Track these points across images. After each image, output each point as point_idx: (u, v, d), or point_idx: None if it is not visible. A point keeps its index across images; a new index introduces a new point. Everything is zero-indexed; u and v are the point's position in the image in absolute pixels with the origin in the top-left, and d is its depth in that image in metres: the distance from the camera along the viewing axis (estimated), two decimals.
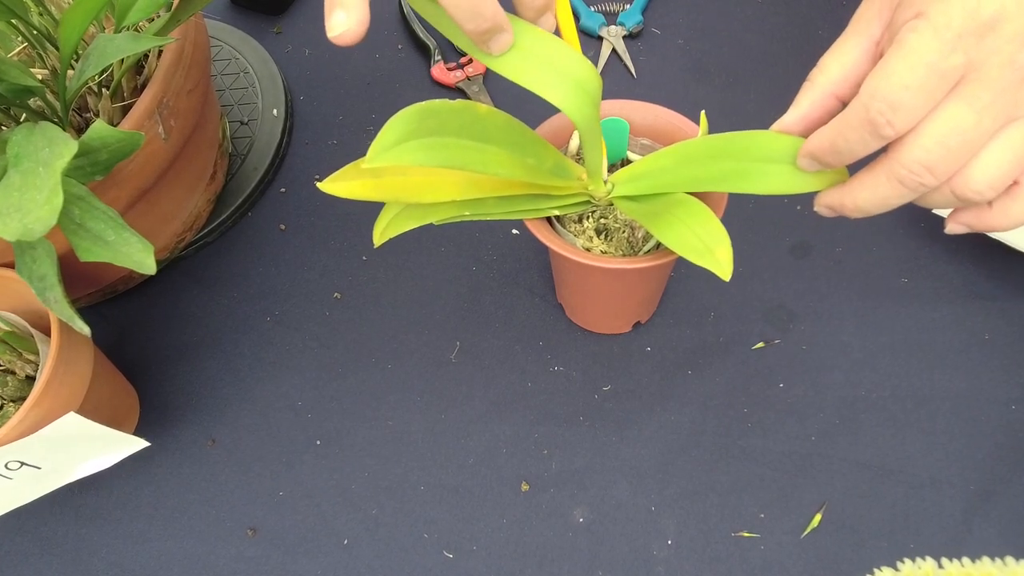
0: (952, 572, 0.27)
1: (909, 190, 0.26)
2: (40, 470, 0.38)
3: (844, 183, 0.29)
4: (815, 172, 0.30)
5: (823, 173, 0.30)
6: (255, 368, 0.48)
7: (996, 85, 0.24)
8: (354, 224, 0.53)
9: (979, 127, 0.25)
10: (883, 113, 0.25)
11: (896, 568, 0.29)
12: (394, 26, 0.63)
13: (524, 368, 0.46)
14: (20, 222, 0.23)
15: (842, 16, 0.60)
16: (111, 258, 0.28)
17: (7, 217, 0.23)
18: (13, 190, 0.26)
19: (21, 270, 0.30)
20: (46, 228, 0.23)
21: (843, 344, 0.46)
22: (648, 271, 0.37)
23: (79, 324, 0.30)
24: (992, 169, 0.25)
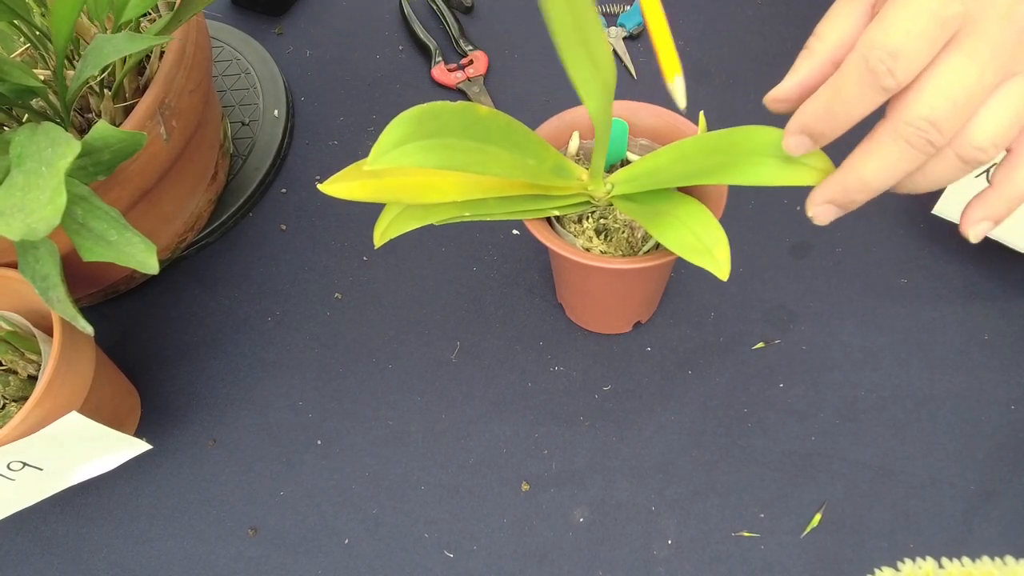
0: (952, 572, 0.27)
1: (917, 151, 0.25)
2: (42, 471, 0.38)
3: (845, 162, 0.28)
4: (802, 162, 0.30)
5: (810, 165, 0.30)
6: (256, 368, 0.48)
7: (994, 38, 0.23)
8: (355, 225, 0.53)
9: (981, 81, 0.24)
10: (883, 61, 0.24)
11: (896, 568, 0.29)
12: (395, 27, 0.64)
13: (524, 368, 0.47)
14: (23, 222, 0.23)
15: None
16: (114, 258, 0.29)
17: (10, 217, 0.23)
18: (16, 190, 0.26)
19: (24, 270, 0.30)
20: (50, 228, 0.23)
21: (843, 344, 0.46)
22: (647, 271, 0.38)
23: (82, 323, 0.30)
24: (994, 125, 0.25)
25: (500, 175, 0.31)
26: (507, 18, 0.63)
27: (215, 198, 0.53)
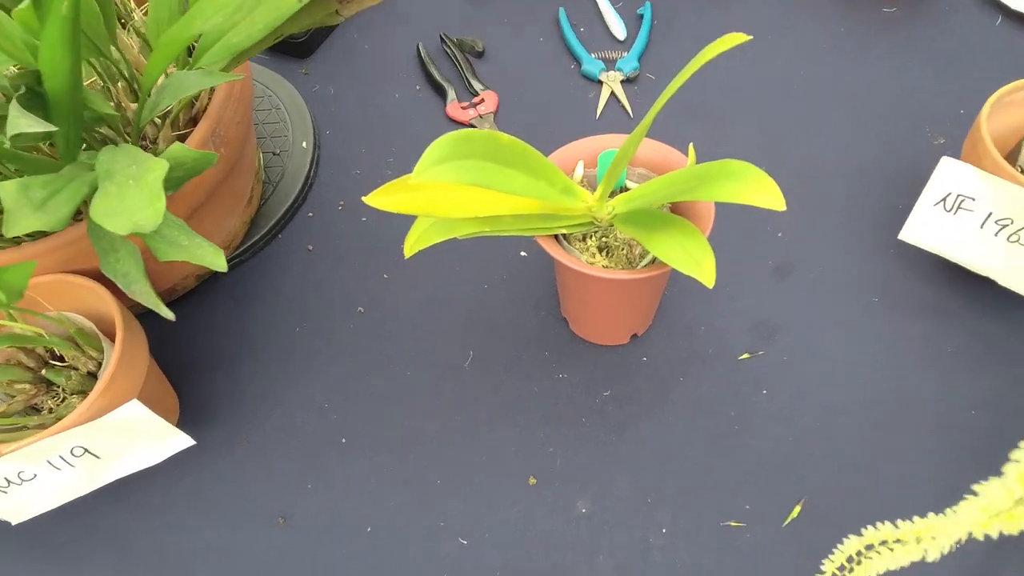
0: (904, 529, 0.31)
1: None
2: (99, 460, 0.42)
3: None
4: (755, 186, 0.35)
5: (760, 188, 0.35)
6: (285, 375, 0.52)
7: None
8: (376, 246, 0.58)
9: None
10: None
11: (860, 534, 0.33)
12: (412, 68, 0.69)
13: (531, 375, 0.51)
14: (130, 220, 0.28)
15: (818, 63, 0.67)
16: (188, 258, 0.33)
17: (116, 218, 0.28)
18: (112, 198, 0.31)
19: (106, 269, 0.35)
20: (154, 225, 0.27)
21: (821, 355, 0.50)
22: (644, 282, 0.42)
23: (164, 311, 0.34)
24: None
25: (518, 193, 0.37)
26: (515, 61, 0.69)
27: (249, 220, 0.58)
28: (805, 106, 0.63)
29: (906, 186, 0.57)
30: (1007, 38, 0.66)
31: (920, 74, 0.65)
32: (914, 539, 0.31)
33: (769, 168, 0.36)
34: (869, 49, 0.67)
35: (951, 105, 0.61)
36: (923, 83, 0.64)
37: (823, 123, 0.62)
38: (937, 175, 0.46)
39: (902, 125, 0.61)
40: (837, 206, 0.57)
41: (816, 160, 0.60)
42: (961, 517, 0.29)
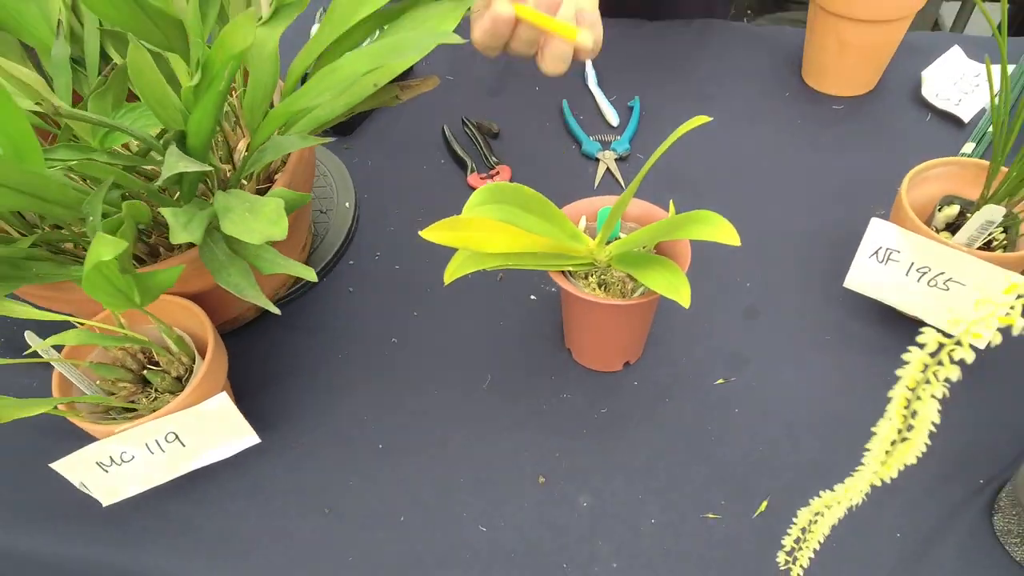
0: (839, 491, 0.40)
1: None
2: (184, 448, 0.50)
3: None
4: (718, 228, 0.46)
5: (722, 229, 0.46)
6: (331, 392, 0.61)
7: None
8: (406, 289, 0.68)
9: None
10: None
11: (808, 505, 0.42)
12: (438, 145, 0.82)
13: (539, 395, 0.60)
14: (261, 234, 0.38)
15: (780, 146, 0.80)
16: (285, 271, 0.43)
17: (250, 233, 0.38)
18: (238, 223, 0.41)
19: (221, 281, 0.45)
20: (282, 235, 0.38)
21: (782, 382, 0.60)
22: (635, 308, 0.53)
23: (272, 307, 0.44)
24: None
25: (537, 233, 0.47)
26: (525, 141, 0.82)
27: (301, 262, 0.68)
28: (768, 181, 0.76)
29: (851, 246, 0.68)
30: (934, 131, 0.80)
31: (862, 157, 0.77)
32: (848, 498, 0.40)
33: (738, 229, 0.47)
34: (821, 137, 0.80)
35: (887, 182, 0.73)
36: (865, 165, 0.77)
37: (783, 195, 0.74)
38: (869, 233, 0.57)
39: (848, 198, 0.73)
40: (795, 262, 0.68)
41: (778, 225, 0.71)
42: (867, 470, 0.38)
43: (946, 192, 0.60)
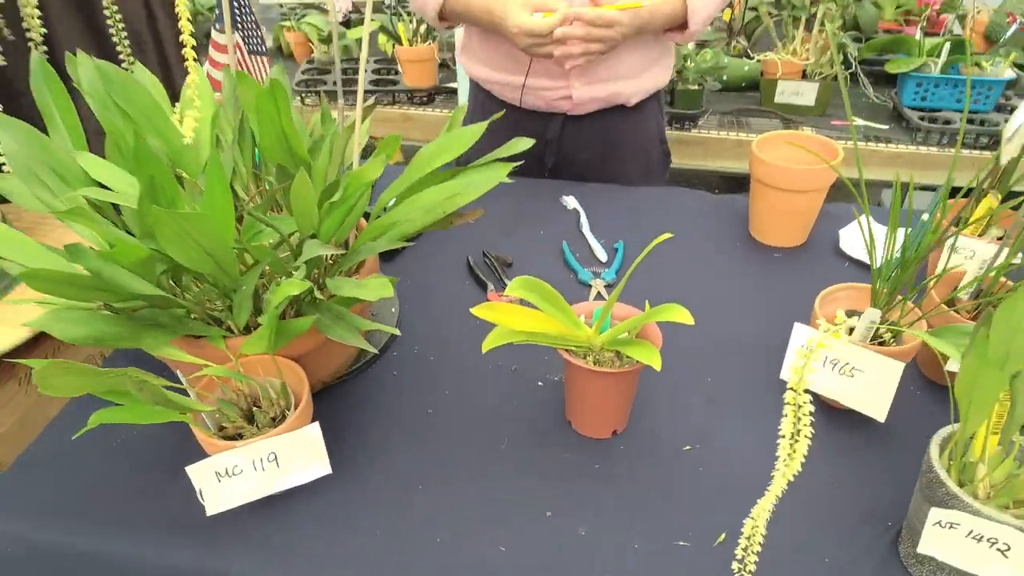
0: (768, 498, 0.56)
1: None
2: (278, 468, 0.65)
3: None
4: (679, 314, 0.66)
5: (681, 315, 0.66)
6: (380, 445, 0.77)
7: None
8: (439, 375, 0.86)
9: None
10: None
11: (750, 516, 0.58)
12: (463, 270, 1.03)
13: (546, 454, 0.76)
14: (375, 292, 0.57)
15: (733, 279, 1.02)
16: (377, 328, 0.62)
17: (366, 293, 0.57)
18: (355, 290, 0.60)
19: (332, 335, 0.63)
20: (390, 294, 0.56)
21: (738, 449, 0.77)
22: (621, 376, 0.71)
23: (370, 348, 0.62)
24: None
25: (551, 316, 0.67)
26: (533, 270, 1.03)
27: (357, 352, 0.86)
28: (722, 304, 0.97)
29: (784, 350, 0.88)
30: (850, 273, 1.03)
31: (794, 289, 0.99)
32: (774, 498, 0.57)
33: (698, 338, 0.67)
34: (763, 275, 1.02)
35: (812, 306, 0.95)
36: (795, 294, 0.98)
37: (733, 314, 0.95)
38: (794, 335, 0.77)
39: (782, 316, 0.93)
40: (743, 362, 0.87)
41: (730, 335, 0.91)
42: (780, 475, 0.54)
43: (848, 308, 0.81)
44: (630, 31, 1.10)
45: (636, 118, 1.33)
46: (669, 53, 1.32)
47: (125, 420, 0.57)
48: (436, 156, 0.69)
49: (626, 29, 1.09)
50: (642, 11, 1.10)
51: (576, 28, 1.06)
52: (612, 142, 1.32)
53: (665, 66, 1.31)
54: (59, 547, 0.69)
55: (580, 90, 1.23)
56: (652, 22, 1.13)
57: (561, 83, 1.23)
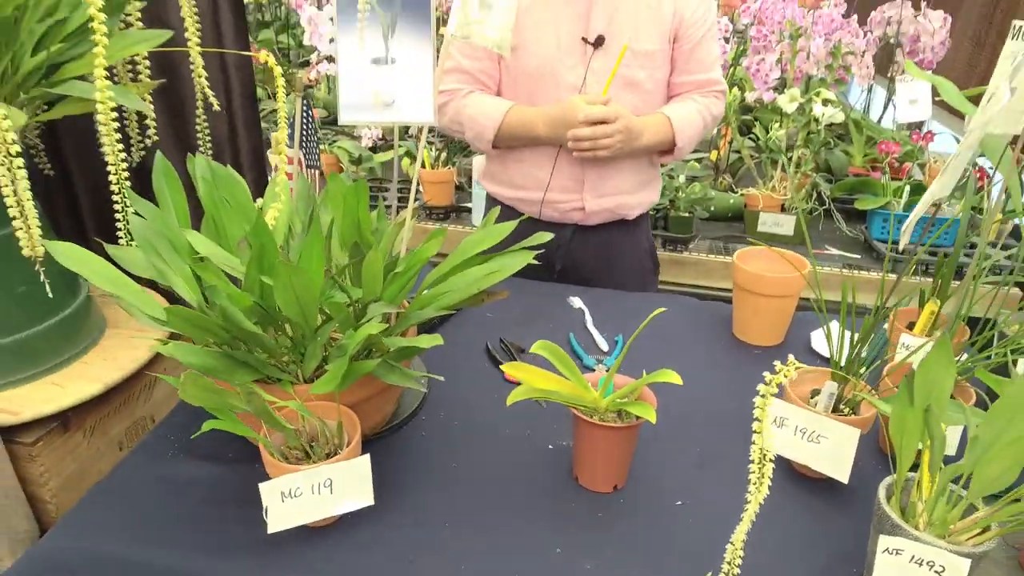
0: (746, 521, 0.68)
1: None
2: (331, 495, 0.77)
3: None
4: (669, 376, 0.80)
5: (672, 376, 0.80)
6: (413, 490, 0.88)
7: None
8: (462, 437, 0.98)
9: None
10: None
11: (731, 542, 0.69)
12: (482, 356, 1.18)
13: (556, 503, 0.87)
14: (427, 343, 0.71)
15: (719, 367, 1.18)
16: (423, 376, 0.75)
17: (420, 345, 0.72)
18: (413, 343, 0.75)
19: (388, 379, 0.76)
20: (441, 342, 0.71)
21: (722, 504, 0.88)
22: (622, 430, 0.84)
23: (418, 386, 0.75)
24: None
25: (564, 380, 0.81)
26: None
27: (391, 414, 0.99)
28: (709, 389, 1.10)
29: None
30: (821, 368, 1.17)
31: None
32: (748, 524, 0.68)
33: (687, 416, 0.81)
34: (744, 370, 1.17)
35: None
36: None
37: (719, 396, 1.08)
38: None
39: None
40: (728, 435, 1.00)
41: (715, 414, 1.04)
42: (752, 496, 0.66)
43: (813, 388, 0.95)
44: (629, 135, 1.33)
45: (634, 231, 1.54)
46: (658, 179, 1.59)
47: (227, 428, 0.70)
48: (477, 244, 0.86)
49: (630, 121, 1.32)
50: (634, 119, 1.34)
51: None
52: (613, 250, 1.52)
53: (655, 188, 1.56)
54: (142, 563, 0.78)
55: (591, 202, 1.45)
56: (645, 130, 1.37)
57: (575, 196, 1.44)
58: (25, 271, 1.03)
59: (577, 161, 1.40)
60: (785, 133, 2.26)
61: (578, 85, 1.37)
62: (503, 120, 1.39)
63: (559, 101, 1.35)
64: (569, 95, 1.35)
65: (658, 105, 1.45)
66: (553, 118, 1.35)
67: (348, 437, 0.82)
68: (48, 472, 1.03)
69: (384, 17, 0.93)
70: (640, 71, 1.39)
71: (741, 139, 2.49)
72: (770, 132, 2.32)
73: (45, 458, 1.02)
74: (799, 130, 2.24)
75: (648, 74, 1.40)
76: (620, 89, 1.37)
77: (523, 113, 1.39)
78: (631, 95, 1.39)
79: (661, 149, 1.46)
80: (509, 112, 1.39)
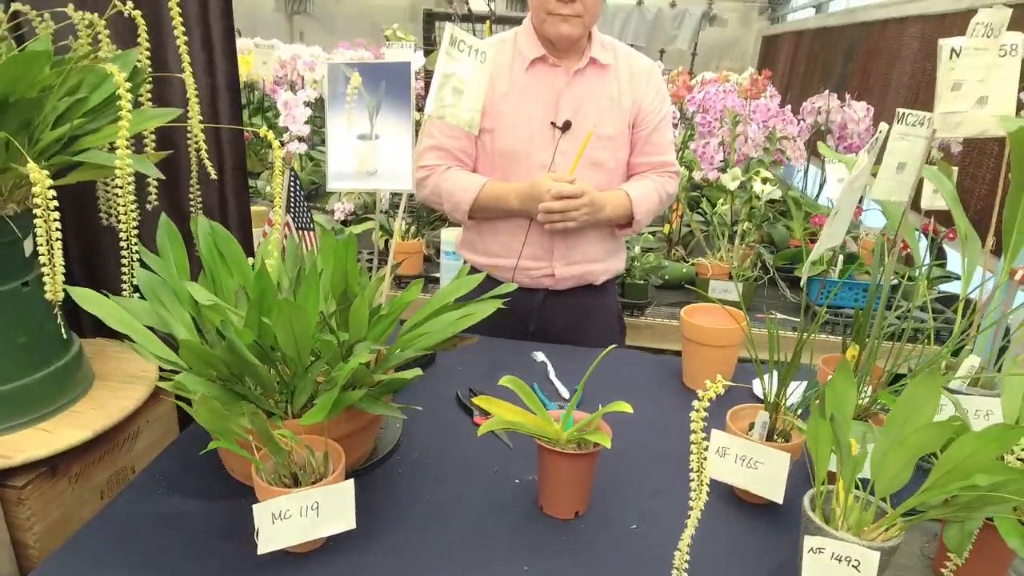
0: (687, 530, 0.77)
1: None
2: (317, 518, 0.84)
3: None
4: (622, 407, 0.91)
5: (624, 407, 0.91)
6: (392, 520, 0.95)
7: None
8: (434, 473, 1.06)
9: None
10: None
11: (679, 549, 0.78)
12: (453, 404, 1.27)
13: (523, 528, 0.95)
14: (410, 375, 0.81)
15: (668, 411, 1.30)
16: (403, 407, 0.85)
17: (405, 379, 0.81)
18: (387, 381, 0.85)
19: (372, 410, 0.85)
20: (420, 374, 0.80)
21: (673, 528, 0.96)
22: (582, 457, 0.93)
23: (399, 415, 0.83)
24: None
25: (533, 412, 0.91)
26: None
27: (371, 451, 1.07)
28: (660, 429, 1.21)
29: None
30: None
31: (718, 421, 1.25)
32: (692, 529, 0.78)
33: (641, 455, 0.92)
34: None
35: None
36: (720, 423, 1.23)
37: (669, 434, 1.19)
38: (712, 440, 1.02)
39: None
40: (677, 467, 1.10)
41: (665, 452, 1.14)
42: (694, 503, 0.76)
43: (751, 421, 1.07)
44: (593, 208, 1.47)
45: (602, 295, 1.69)
46: (623, 248, 1.74)
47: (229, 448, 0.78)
48: (450, 294, 0.97)
49: (593, 196, 1.47)
50: (597, 194, 1.49)
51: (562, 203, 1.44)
52: (583, 313, 1.66)
53: (620, 258, 1.72)
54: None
55: (561, 269, 1.59)
56: (607, 204, 1.52)
57: (545, 264, 1.58)
58: (26, 323, 1.11)
59: (547, 232, 1.55)
60: (730, 208, 2.46)
61: (547, 164, 1.54)
62: (478, 194, 1.53)
63: (530, 178, 1.51)
64: (539, 173, 1.51)
65: (619, 182, 1.62)
66: (524, 193, 1.50)
67: (333, 466, 0.90)
68: (34, 516, 1.07)
69: (370, 100, 1.07)
70: (603, 152, 1.56)
71: (691, 214, 2.70)
72: (716, 207, 2.53)
73: (33, 502, 1.07)
74: (742, 206, 2.45)
75: (610, 155, 1.58)
76: (586, 168, 1.54)
77: (497, 188, 1.53)
78: (596, 173, 1.56)
79: (621, 223, 1.61)
80: (484, 187, 1.53)
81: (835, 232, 0.94)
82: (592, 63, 1.55)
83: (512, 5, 6.95)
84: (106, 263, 1.38)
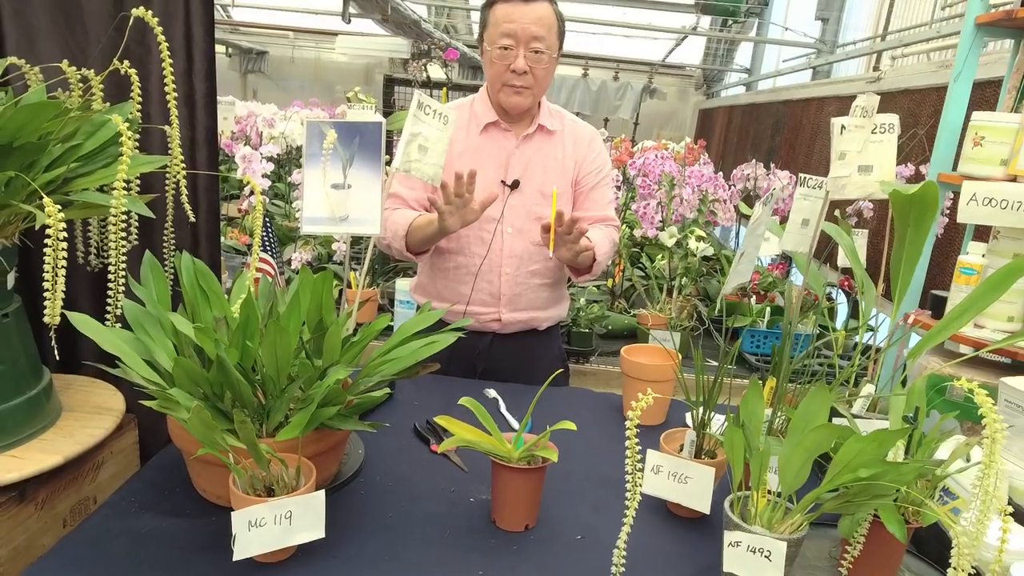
0: (623, 532, 0.88)
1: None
2: (290, 527, 0.92)
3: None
4: (567, 425, 1.03)
5: (568, 424, 1.02)
6: (357, 535, 1.03)
7: None
8: (395, 493, 1.14)
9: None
10: None
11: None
12: (410, 435, 1.36)
13: (478, 539, 1.04)
14: (381, 395, 0.90)
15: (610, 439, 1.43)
16: (372, 424, 0.94)
17: (376, 394, 0.91)
18: (364, 401, 0.94)
19: (343, 426, 0.94)
20: (389, 393, 0.90)
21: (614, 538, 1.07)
22: (531, 471, 1.04)
23: (369, 429, 0.92)
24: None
25: (488, 429, 1.01)
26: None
27: (336, 472, 1.15)
28: (603, 456, 1.32)
29: None
30: None
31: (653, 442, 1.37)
32: (628, 527, 0.88)
33: (586, 469, 1.03)
34: None
35: None
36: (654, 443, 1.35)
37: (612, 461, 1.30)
38: (648, 460, 1.13)
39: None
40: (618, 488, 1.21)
41: (607, 473, 1.25)
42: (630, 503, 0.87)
43: (682, 443, 1.20)
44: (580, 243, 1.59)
45: (545, 340, 1.81)
46: (566, 298, 1.89)
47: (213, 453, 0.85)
48: (414, 325, 1.08)
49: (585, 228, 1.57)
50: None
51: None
52: (528, 356, 1.78)
53: (564, 306, 1.87)
54: None
55: (507, 315, 1.71)
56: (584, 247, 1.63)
57: (492, 309, 1.70)
58: (2, 352, 1.16)
59: (495, 280, 1.68)
60: (668, 264, 2.65)
61: (497, 217, 1.68)
62: (413, 221, 1.64)
63: (481, 230, 1.64)
64: (490, 226, 1.65)
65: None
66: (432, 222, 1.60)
67: (304, 480, 0.98)
68: (0, 540, 1.10)
69: (344, 153, 1.20)
70: (548, 208, 1.71)
71: (632, 269, 2.88)
72: (655, 263, 2.72)
73: (1, 526, 1.10)
74: (679, 261, 2.64)
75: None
76: (531, 222, 1.68)
77: (428, 216, 1.65)
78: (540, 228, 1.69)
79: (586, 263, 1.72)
80: (419, 216, 1.65)
81: (742, 270, 1.10)
82: (540, 129, 1.73)
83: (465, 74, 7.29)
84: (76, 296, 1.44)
